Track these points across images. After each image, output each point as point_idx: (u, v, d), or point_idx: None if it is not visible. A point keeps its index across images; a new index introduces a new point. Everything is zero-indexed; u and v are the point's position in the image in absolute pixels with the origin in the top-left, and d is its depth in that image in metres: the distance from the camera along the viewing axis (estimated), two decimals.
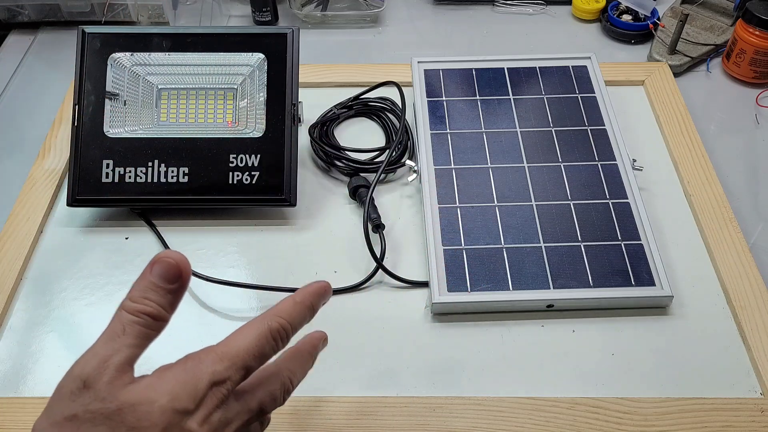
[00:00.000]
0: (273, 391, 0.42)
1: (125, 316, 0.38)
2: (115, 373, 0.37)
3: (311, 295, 0.43)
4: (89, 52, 0.70)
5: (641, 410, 0.56)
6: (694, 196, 0.72)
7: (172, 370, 0.38)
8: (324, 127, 0.78)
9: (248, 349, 0.40)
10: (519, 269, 0.63)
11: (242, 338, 0.40)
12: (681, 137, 0.78)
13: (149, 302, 0.38)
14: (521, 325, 0.62)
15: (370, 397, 0.57)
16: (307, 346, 0.45)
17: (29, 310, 0.64)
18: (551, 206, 0.68)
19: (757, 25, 0.83)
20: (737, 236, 0.68)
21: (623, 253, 0.64)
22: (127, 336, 0.38)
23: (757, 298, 0.63)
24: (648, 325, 0.62)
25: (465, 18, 0.99)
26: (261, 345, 0.40)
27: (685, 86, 0.86)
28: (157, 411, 0.36)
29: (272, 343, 0.41)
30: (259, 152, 0.69)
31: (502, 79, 0.80)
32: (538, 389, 0.58)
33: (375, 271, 0.65)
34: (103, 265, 0.67)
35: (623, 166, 0.71)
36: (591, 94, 0.78)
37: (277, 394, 0.42)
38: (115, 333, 0.38)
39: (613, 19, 0.94)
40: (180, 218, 0.71)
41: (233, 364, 0.39)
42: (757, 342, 0.60)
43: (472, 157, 0.72)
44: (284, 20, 0.97)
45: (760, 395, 0.58)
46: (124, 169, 0.69)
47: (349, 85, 0.83)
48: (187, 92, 0.71)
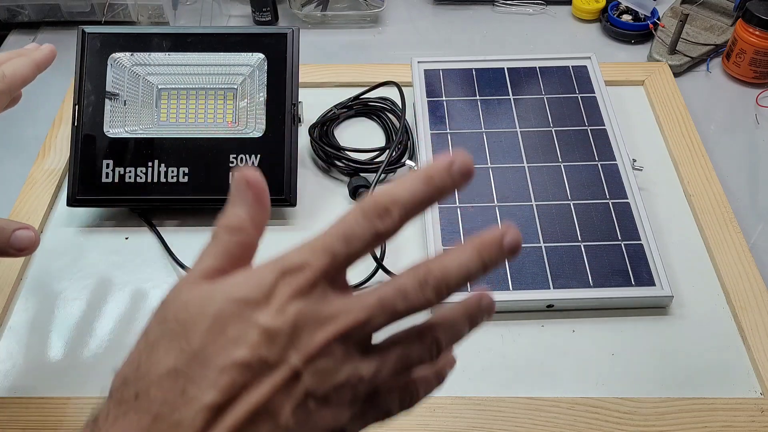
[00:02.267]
0: (406, 346, 0.33)
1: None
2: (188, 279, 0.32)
3: (432, 168, 0.32)
4: (89, 52, 0.70)
5: (641, 410, 0.56)
6: (694, 196, 0.72)
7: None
8: (324, 127, 0.78)
9: (329, 229, 0.31)
10: (519, 269, 0.63)
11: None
12: (681, 137, 0.78)
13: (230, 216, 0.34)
14: (521, 325, 0.62)
15: None
16: (461, 305, 0.35)
17: (29, 310, 0.64)
18: (551, 206, 0.68)
19: (757, 25, 0.83)
20: (737, 236, 0.68)
21: (623, 253, 0.64)
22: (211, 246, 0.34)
23: (757, 298, 0.63)
24: (648, 325, 0.62)
25: (465, 18, 0.99)
26: (347, 221, 0.31)
27: (685, 86, 0.86)
28: (211, 303, 0.30)
29: (364, 220, 0.31)
30: (259, 152, 0.69)
31: (502, 79, 0.80)
32: (538, 389, 0.58)
33: (375, 271, 0.65)
34: (103, 265, 0.67)
35: (623, 166, 0.71)
36: (591, 94, 0.78)
37: (413, 350, 0.33)
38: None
39: (613, 19, 0.93)
40: (180, 218, 0.71)
41: (309, 247, 0.31)
42: (757, 342, 0.60)
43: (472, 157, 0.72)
44: (284, 20, 0.97)
45: (760, 395, 0.58)
46: (124, 169, 0.69)
47: (349, 85, 0.83)
48: (187, 92, 0.71)
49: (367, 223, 0.31)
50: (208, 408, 0.29)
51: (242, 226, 0.34)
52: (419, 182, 0.31)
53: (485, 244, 0.33)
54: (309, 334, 0.30)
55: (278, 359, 0.29)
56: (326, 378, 0.30)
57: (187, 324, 0.30)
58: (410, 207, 0.31)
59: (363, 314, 0.31)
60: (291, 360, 0.29)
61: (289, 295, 0.30)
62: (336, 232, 0.31)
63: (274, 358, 0.29)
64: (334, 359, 0.30)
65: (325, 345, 0.30)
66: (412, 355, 0.33)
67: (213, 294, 0.31)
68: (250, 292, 0.30)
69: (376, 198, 0.31)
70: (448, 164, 0.32)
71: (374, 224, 0.31)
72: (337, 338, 0.30)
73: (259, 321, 0.29)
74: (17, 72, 0.55)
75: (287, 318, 0.30)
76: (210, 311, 0.30)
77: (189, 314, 0.30)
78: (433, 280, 0.31)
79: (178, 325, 0.30)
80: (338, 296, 0.31)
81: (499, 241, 0.33)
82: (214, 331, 0.30)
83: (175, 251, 0.68)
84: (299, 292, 0.30)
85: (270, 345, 0.29)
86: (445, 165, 0.32)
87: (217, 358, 0.29)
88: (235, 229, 0.33)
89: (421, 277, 0.31)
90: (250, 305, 0.30)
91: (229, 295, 0.30)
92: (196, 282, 0.32)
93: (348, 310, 0.31)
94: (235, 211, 0.34)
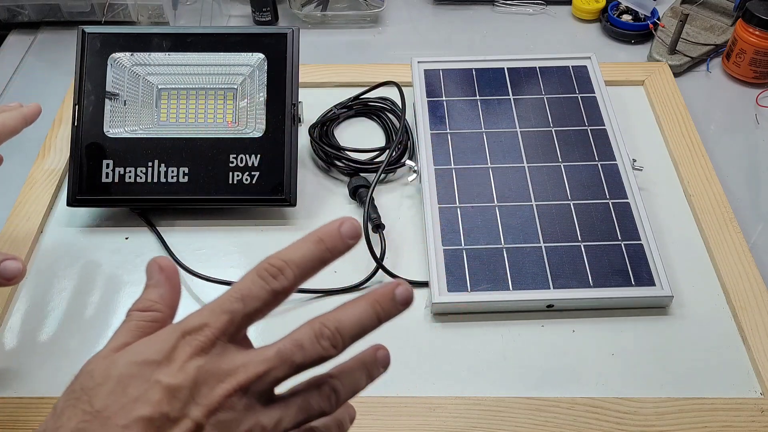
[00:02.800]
0: (306, 397, 0.34)
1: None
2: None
3: (322, 230, 0.35)
4: (89, 52, 0.70)
5: (641, 410, 0.56)
6: (694, 196, 0.72)
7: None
8: (324, 127, 0.78)
9: (227, 291, 0.33)
10: (519, 269, 0.63)
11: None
12: (681, 137, 0.78)
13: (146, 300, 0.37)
14: (521, 325, 0.62)
15: (370, 397, 0.57)
16: (357, 358, 0.37)
17: (29, 310, 0.64)
18: (551, 206, 0.68)
19: (757, 25, 0.83)
20: (737, 236, 0.68)
21: (623, 253, 0.64)
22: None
23: (757, 298, 0.63)
24: (648, 325, 0.62)
25: (465, 18, 0.99)
26: (244, 283, 0.33)
27: (685, 86, 0.86)
28: (114, 368, 0.32)
29: (259, 280, 0.33)
30: (259, 152, 0.69)
31: (502, 79, 0.80)
32: (538, 389, 0.58)
33: (375, 271, 0.65)
34: (103, 265, 0.67)
35: (623, 166, 0.71)
36: (591, 94, 0.78)
37: (313, 400, 0.34)
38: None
39: (613, 19, 0.94)
40: (180, 218, 0.71)
41: (209, 308, 0.33)
42: (757, 342, 0.60)
43: (472, 157, 0.72)
44: (284, 20, 0.97)
45: (760, 395, 0.58)
46: (124, 169, 0.69)
47: (349, 85, 0.83)
48: (187, 92, 0.71)
49: (262, 284, 0.33)
50: None
51: (153, 307, 0.36)
52: (311, 244, 0.34)
53: (378, 297, 0.35)
54: (209, 388, 0.31)
55: (180, 414, 0.30)
56: (228, 430, 0.31)
57: (91, 390, 0.32)
58: (303, 267, 0.34)
59: (262, 367, 0.32)
60: (193, 414, 0.30)
61: (189, 354, 0.32)
62: (233, 293, 0.33)
63: (176, 413, 0.30)
64: (235, 411, 0.31)
65: (226, 397, 0.31)
66: (312, 405, 0.34)
67: (116, 360, 0.32)
68: (151, 354, 0.32)
69: (270, 260, 0.34)
70: (336, 227, 0.35)
71: (269, 284, 0.33)
72: (237, 391, 0.31)
73: (161, 379, 0.31)
74: (7, 124, 0.59)
75: (188, 374, 0.31)
76: (113, 374, 0.32)
77: (93, 381, 0.32)
78: (329, 333, 0.33)
79: (83, 392, 0.32)
80: (238, 352, 0.33)
81: (391, 294, 0.35)
82: (116, 392, 0.31)
83: (175, 251, 0.68)
84: (199, 350, 0.32)
85: (172, 401, 0.30)
86: (334, 228, 0.35)
87: (118, 416, 0.30)
88: (147, 308, 0.36)
89: (317, 330, 0.33)
90: (152, 366, 0.31)
91: (131, 359, 0.32)
92: (105, 355, 0.33)
93: (247, 363, 0.32)
94: (147, 295, 0.37)
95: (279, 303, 0.34)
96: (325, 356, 0.33)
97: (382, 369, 0.38)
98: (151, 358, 0.32)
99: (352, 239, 0.35)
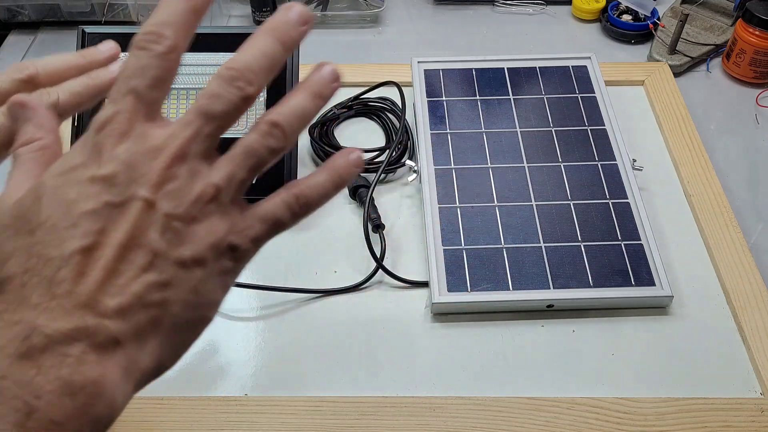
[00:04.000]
0: (246, 139, 0.32)
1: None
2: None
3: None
4: None
5: (641, 410, 0.56)
6: (694, 196, 0.72)
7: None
8: (324, 127, 0.78)
9: (119, 74, 0.31)
10: (519, 269, 0.63)
11: None
12: (681, 137, 0.78)
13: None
14: (521, 325, 0.62)
15: (370, 397, 0.57)
16: (300, 84, 0.33)
17: None
18: (551, 206, 0.68)
19: (757, 25, 0.83)
20: (737, 236, 0.68)
21: (623, 253, 0.64)
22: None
23: (757, 298, 0.63)
24: (648, 325, 0.62)
25: (465, 18, 0.99)
26: (128, 63, 0.31)
27: (685, 86, 0.86)
28: (41, 188, 0.30)
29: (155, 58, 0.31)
30: None
31: (502, 79, 0.80)
32: (538, 389, 0.58)
33: (375, 271, 0.65)
34: None
35: (623, 166, 0.71)
36: (591, 94, 0.78)
37: (254, 141, 0.32)
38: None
39: (613, 19, 0.93)
40: None
41: (112, 99, 0.30)
42: (757, 342, 0.60)
43: (472, 157, 0.72)
44: None
45: (760, 395, 0.58)
46: None
47: (349, 85, 0.83)
48: (187, 92, 0.71)
49: (147, 58, 0.31)
50: (74, 253, 0.28)
51: (35, 136, 0.33)
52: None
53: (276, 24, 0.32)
54: (146, 166, 0.29)
55: (126, 198, 0.29)
56: (180, 197, 0.30)
57: (23, 215, 0.29)
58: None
59: (188, 130, 0.31)
60: (139, 193, 0.29)
61: (112, 143, 0.30)
62: (123, 74, 0.31)
63: (121, 198, 0.29)
64: (181, 179, 0.30)
65: (166, 169, 0.30)
66: (255, 145, 0.32)
67: (38, 182, 0.30)
68: (74, 160, 0.30)
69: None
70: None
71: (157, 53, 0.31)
72: (175, 159, 0.30)
73: (93, 173, 0.29)
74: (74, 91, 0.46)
75: (119, 160, 0.29)
76: (42, 192, 0.29)
77: (22, 208, 0.30)
78: (236, 73, 0.31)
79: (15, 220, 0.30)
80: (160, 127, 0.31)
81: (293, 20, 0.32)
82: (53, 203, 0.29)
83: None
84: (120, 136, 0.30)
85: (111, 189, 0.29)
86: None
87: (64, 219, 0.29)
88: (29, 141, 0.33)
89: (224, 74, 0.31)
90: (79, 168, 0.30)
91: (55, 172, 0.30)
92: (25, 190, 0.31)
93: (172, 133, 0.30)
94: (23, 132, 0.34)
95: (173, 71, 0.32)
96: (244, 96, 0.31)
97: (330, 84, 0.33)
98: (76, 162, 0.30)
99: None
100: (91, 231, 0.29)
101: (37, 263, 0.28)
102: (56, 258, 0.28)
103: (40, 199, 0.29)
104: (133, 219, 0.29)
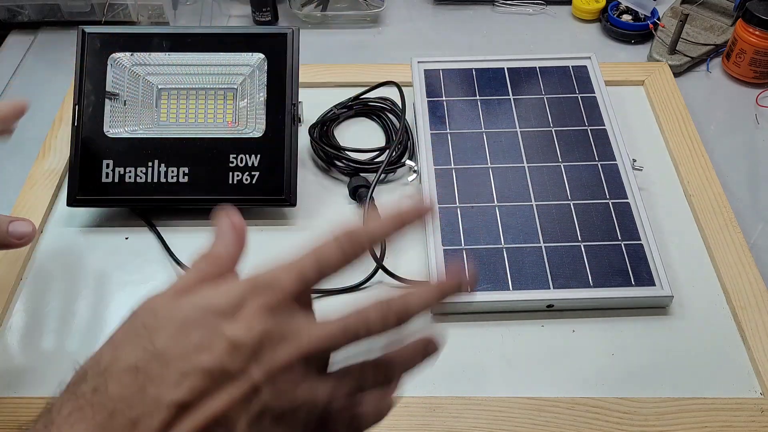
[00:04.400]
0: (361, 373, 0.34)
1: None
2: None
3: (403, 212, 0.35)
4: (89, 52, 0.70)
5: (641, 410, 0.56)
6: (694, 196, 0.72)
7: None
8: (324, 127, 0.78)
9: (305, 253, 0.33)
10: (519, 269, 0.63)
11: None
12: (681, 137, 0.78)
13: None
14: (521, 325, 0.62)
15: None
16: (415, 343, 0.37)
17: (29, 310, 0.64)
18: (551, 206, 0.68)
19: (757, 25, 0.83)
20: (737, 236, 0.68)
21: (623, 253, 0.64)
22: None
23: (757, 298, 0.63)
24: (648, 325, 0.62)
25: (465, 18, 0.99)
26: (320, 248, 0.33)
27: (685, 86, 0.86)
28: (179, 310, 0.31)
29: (335, 248, 0.33)
30: (259, 152, 0.69)
31: (502, 79, 0.80)
32: (538, 389, 0.58)
33: (375, 271, 0.65)
34: (103, 265, 0.67)
35: (623, 166, 0.71)
36: (591, 94, 0.78)
37: (367, 380, 0.34)
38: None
39: (613, 19, 0.93)
40: (180, 218, 0.71)
41: (282, 268, 0.32)
42: (757, 342, 0.60)
43: (472, 157, 0.72)
44: (284, 20, 0.97)
45: (760, 395, 0.58)
46: (124, 169, 0.69)
47: (349, 85, 0.83)
48: (187, 92, 0.71)
49: (339, 251, 0.33)
50: (169, 407, 0.29)
51: (220, 261, 0.35)
52: (393, 222, 0.35)
53: (444, 287, 0.36)
54: (272, 350, 0.30)
55: (240, 372, 0.30)
56: (284, 396, 0.30)
57: (153, 328, 0.31)
58: (376, 238, 0.35)
59: (326, 338, 0.31)
60: (253, 374, 0.30)
61: (257, 310, 0.30)
62: (310, 255, 0.33)
63: (237, 370, 0.30)
64: (293, 378, 0.31)
65: (287, 363, 0.30)
66: (365, 385, 0.34)
67: (181, 303, 0.31)
68: (218, 302, 0.31)
69: (351, 230, 0.34)
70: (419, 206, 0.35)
71: (348, 251, 0.34)
72: (299, 358, 0.31)
73: (225, 331, 0.30)
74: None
75: (254, 332, 0.30)
76: (177, 316, 0.31)
77: (156, 320, 0.31)
78: (394, 316, 0.33)
79: (145, 329, 0.31)
80: (304, 317, 0.32)
81: (457, 282, 0.36)
82: (179, 335, 0.30)
83: (175, 251, 0.68)
84: (268, 308, 0.31)
85: (234, 356, 0.30)
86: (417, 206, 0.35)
87: (179, 361, 0.29)
88: (214, 258, 0.34)
89: (385, 309, 0.33)
90: (218, 315, 0.30)
91: (198, 304, 0.31)
92: (168, 295, 0.32)
93: (311, 331, 0.31)
94: (216, 248, 0.35)
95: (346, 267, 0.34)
96: (383, 333, 0.33)
97: (433, 356, 0.37)
98: (218, 306, 0.31)
99: (426, 212, 0.35)
100: (196, 389, 0.29)
101: (134, 393, 0.29)
102: (152, 400, 0.29)
103: (171, 322, 0.30)
104: (235, 397, 0.29)
